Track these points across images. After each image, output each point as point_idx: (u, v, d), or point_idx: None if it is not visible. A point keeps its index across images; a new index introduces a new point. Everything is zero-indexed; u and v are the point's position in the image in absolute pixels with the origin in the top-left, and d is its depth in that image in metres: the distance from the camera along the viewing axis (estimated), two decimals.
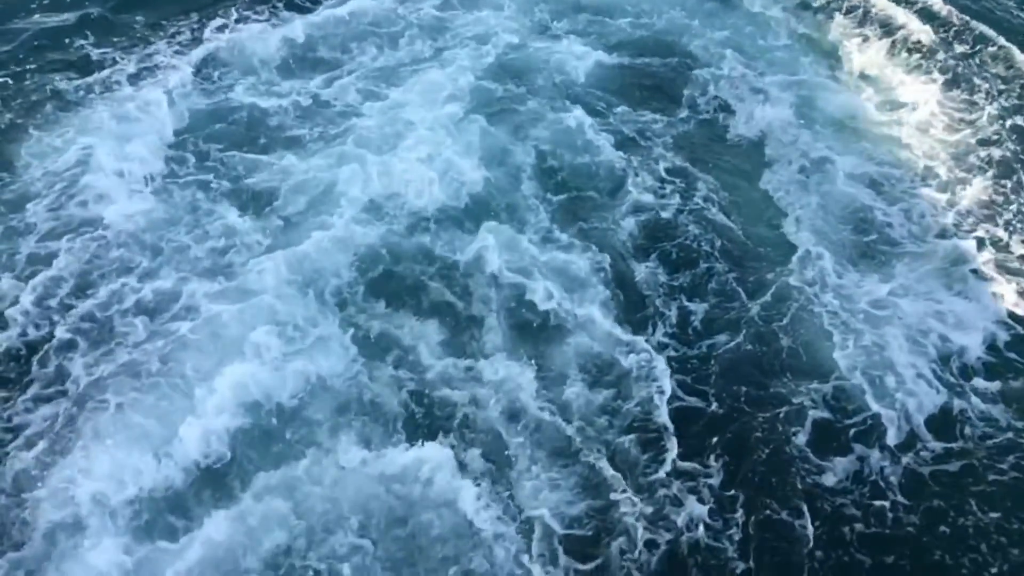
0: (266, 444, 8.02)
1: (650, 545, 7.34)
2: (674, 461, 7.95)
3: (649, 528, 7.45)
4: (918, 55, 13.64)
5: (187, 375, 8.49)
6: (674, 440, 8.13)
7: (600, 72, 13.51)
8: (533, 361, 8.88)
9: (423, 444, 7.99)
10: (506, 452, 8.06)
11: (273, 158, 11.33)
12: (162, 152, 11.17)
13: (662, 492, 7.71)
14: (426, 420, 8.32)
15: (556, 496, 7.73)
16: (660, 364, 8.78)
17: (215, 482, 7.70)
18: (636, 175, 11.35)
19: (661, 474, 7.86)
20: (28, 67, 12.45)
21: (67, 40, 13.06)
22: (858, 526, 7.58)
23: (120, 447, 7.77)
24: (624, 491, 7.72)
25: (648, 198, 11.01)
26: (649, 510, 7.58)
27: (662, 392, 8.53)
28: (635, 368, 8.77)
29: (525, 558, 7.26)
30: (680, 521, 7.51)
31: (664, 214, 10.82)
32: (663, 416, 8.33)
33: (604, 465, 7.92)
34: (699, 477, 7.87)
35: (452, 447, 8.01)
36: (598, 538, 7.45)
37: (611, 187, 11.28)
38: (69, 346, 8.74)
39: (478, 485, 7.71)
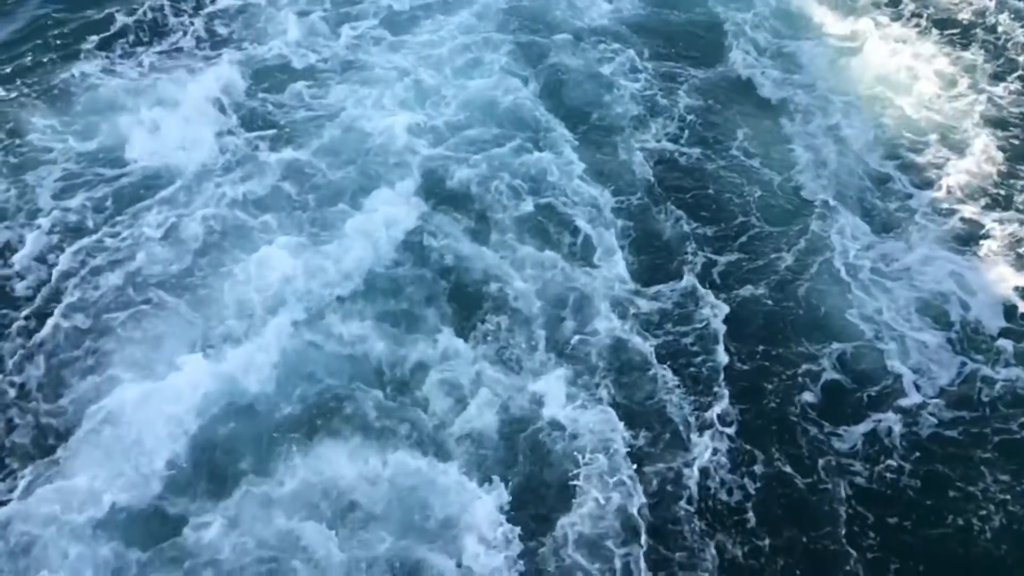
0: (316, 329, 8.45)
1: (662, 489, 7.35)
2: (696, 409, 7.97)
3: (663, 471, 7.45)
4: (954, 29, 13.45)
5: (231, 273, 8.82)
6: (702, 387, 8.17)
7: (624, 20, 13.46)
8: (557, 284, 9.05)
9: (467, 335, 8.52)
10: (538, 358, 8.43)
11: (299, 97, 11.52)
12: (188, 104, 11.10)
13: (680, 438, 7.72)
14: (465, 315, 8.76)
15: (589, 418, 7.83)
16: (698, 307, 8.91)
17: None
18: (658, 119, 11.45)
19: (681, 420, 7.86)
20: (46, 38, 12.28)
21: (85, 11, 12.85)
22: (867, 484, 7.54)
23: (167, 344, 8.18)
24: (643, 431, 7.75)
25: (668, 144, 11.08)
26: (664, 454, 7.58)
27: (705, 338, 8.60)
28: (658, 309, 8.83)
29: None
30: (697, 465, 7.50)
31: (683, 160, 10.88)
32: (695, 363, 8.39)
33: (625, 401, 8.00)
34: (718, 427, 7.83)
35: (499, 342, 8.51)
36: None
37: (632, 128, 11.37)
38: (97, 270, 8.93)
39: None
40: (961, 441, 7.88)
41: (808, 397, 8.19)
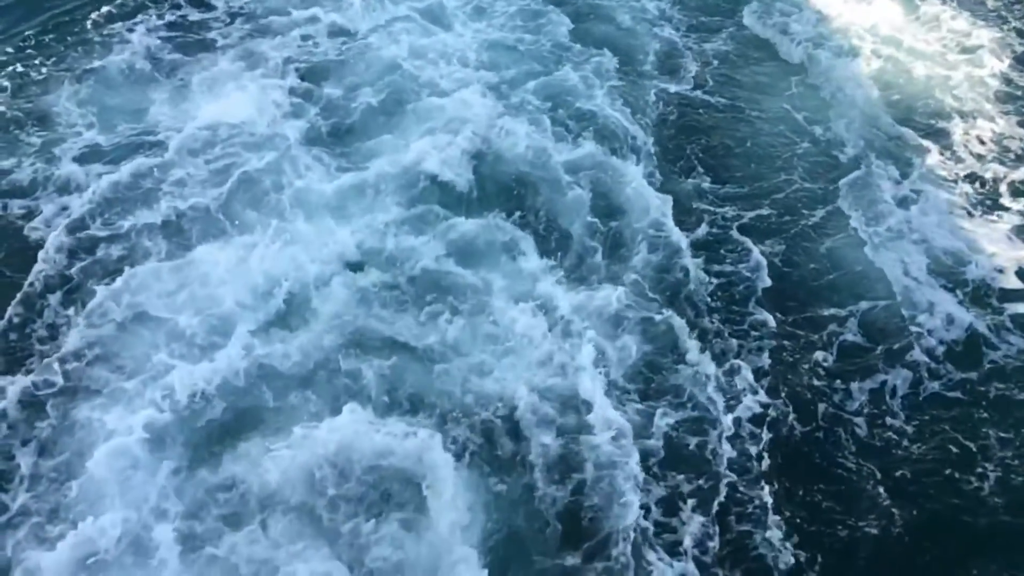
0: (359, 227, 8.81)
1: (672, 437, 7.32)
2: (716, 362, 7.95)
3: (674, 423, 7.40)
4: (988, 10, 13.44)
5: (265, 187, 9.09)
6: (735, 337, 8.19)
7: None
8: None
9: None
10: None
11: (321, 44, 11.76)
12: (216, 72, 11.02)
13: (697, 391, 7.68)
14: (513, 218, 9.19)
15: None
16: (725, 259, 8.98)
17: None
18: (684, 66, 11.77)
19: (699, 372, 7.82)
20: (68, 15, 12.18)
21: None
22: (873, 438, 7.46)
23: (198, 243, 8.45)
24: (659, 381, 7.74)
25: (693, 91, 11.33)
26: (678, 401, 7.57)
27: (743, 288, 8.67)
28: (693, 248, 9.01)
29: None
30: (710, 417, 7.46)
31: (706, 109, 11.08)
32: (728, 312, 8.45)
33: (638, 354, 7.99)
34: (737, 381, 7.79)
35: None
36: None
37: (657, 73, 11.68)
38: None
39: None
40: (972, 400, 7.79)
41: (823, 354, 8.12)
